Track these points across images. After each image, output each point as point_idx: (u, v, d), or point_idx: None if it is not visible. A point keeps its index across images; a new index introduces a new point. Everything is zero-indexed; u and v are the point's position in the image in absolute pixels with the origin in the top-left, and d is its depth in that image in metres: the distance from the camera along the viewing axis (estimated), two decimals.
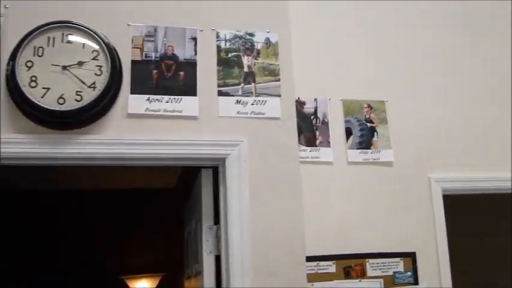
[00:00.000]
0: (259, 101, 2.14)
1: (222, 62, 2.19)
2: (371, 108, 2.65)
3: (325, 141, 2.55)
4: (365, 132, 2.61)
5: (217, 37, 2.25)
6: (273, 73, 2.21)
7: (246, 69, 2.21)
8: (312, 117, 2.57)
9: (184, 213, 3.21)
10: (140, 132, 2.05)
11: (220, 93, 2.16)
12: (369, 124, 2.63)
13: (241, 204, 1.97)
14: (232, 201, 1.98)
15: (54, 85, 1.97)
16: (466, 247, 4.31)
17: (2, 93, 1.97)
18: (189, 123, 2.09)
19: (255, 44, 2.28)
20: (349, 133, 2.59)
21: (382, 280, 2.47)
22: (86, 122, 2.01)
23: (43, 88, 1.96)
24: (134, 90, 2.08)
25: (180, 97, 2.08)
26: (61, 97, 1.96)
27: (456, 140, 2.73)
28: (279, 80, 2.20)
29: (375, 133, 2.62)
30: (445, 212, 2.64)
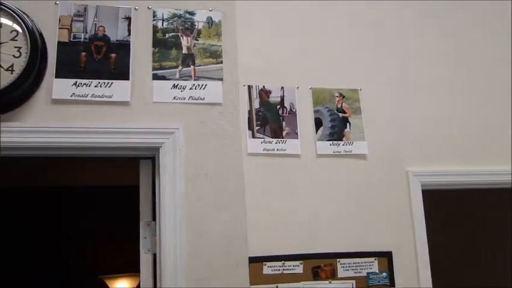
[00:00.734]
0: (199, 85, 1.97)
1: (158, 43, 2.02)
2: (343, 97, 2.47)
3: (292, 133, 2.37)
4: (336, 122, 2.43)
5: (154, 16, 2.09)
6: (214, 55, 2.04)
7: (184, 50, 2.04)
8: (278, 107, 2.40)
9: None
10: (66, 119, 1.89)
11: (155, 77, 1.99)
12: (340, 114, 2.45)
13: (176, 198, 1.79)
14: (165, 195, 1.80)
15: None
16: (448, 246, 4.14)
17: None
18: (120, 110, 1.92)
19: (196, 24, 2.11)
20: (319, 124, 2.42)
21: (354, 282, 2.28)
22: (6, 108, 1.85)
23: None
24: (60, 74, 1.93)
25: (110, 81, 1.92)
26: None
27: (436, 132, 2.54)
28: (221, 63, 2.03)
29: (347, 124, 2.45)
30: (424, 208, 2.44)
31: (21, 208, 5.00)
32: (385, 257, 2.34)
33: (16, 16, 1.89)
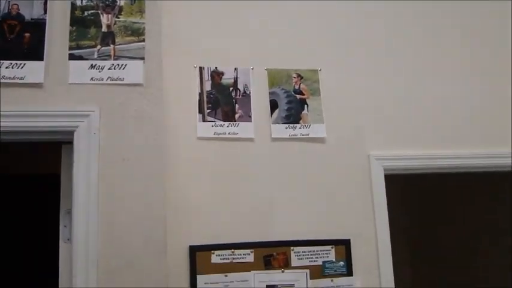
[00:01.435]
0: (118, 65, 1.86)
1: (76, 21, 1.92)
2: (301, 78, 2.35)
3: (245, 115, 2.27)
4: (293, 105, 2.32)
5: None
6: (136, 32, 1.92)
7: (104, 28, 1.93)
8: (231, 89, 2.29)
9: None
10: None
11: (71, 57, 1.88)
12: (298, 96, 2.34)
13: (90, 184, 1.69)
14: (79, 181, 1.71)
15: None
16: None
17: None
18: (33, 92, 1.82)
19: (117, 0, 2.00)
20: (274, 106, 2.30)
21: (308, 271, 2.18)
22: None
23: None
24: None
25: (23, 62, 1.82)
26: None
27: (401, 113, 2.41)
28: (143, 41, 1.91)
29: (305, 106, 2.33)
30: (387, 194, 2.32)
31: None
32: (343, 245, 2.23)
33: None
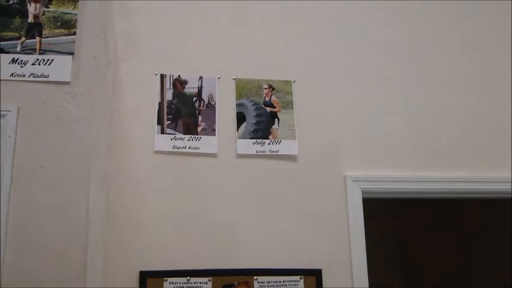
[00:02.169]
0: (43, 60, 1.64)
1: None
2: (272, 89, 2.15)
3: (209, 129, 2.06)
4: (263, 118, 2.11)
5: None
6: (67, 24, 1.71)
7: (31, 19, 1.72)
8: (195, 99, 2.09)
9: None
10: None
11: None
12: (268, 109, 2.13)
13: (1, 193, 1.47)
14: None
15: None
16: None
17: None
18: None
19: None
20: (241, 119, 2.09)
21: None
22: None
23: None
24: None
25: None
26: None
27: (382, 131, 2.20)
28: (74, 34, 1.69)
29: (276, 120, 2.12)
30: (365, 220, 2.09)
31: None
32: (313, 275, 2.00)
33: None
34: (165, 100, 2.06)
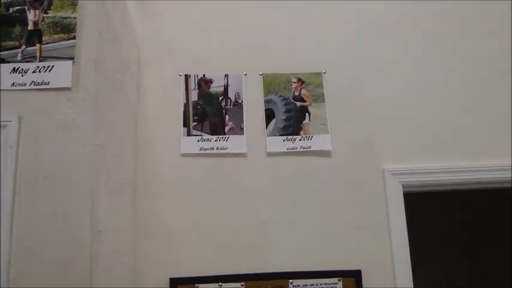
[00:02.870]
0: (44, 67, 1.60)
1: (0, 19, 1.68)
2: (302, 82, 2.05)
3: (237, 128, 1.99)
4: (293, 113, 2.02)
5: None
6: (66, 29, 1.65)
7: (31, 26, 1.67)
8: (221, 98, 2.02)
9: None
10: None
11: None
12: (298, 103, 2.03)
13: (3, 206, 1.44)
14: None
15: None
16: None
17: None
18: None
19: None
20: (271, 116, 2.01)
21: None
22: None
23: None
24: None
25: None
26: None
27: (420, 122, 2.05)
28: (73, 38, 1.63)
29: (307, 114, 2.02)
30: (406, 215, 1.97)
31: None
32: (352, 276, 1.90)
33: None
34: (191, 101, 2.01)
